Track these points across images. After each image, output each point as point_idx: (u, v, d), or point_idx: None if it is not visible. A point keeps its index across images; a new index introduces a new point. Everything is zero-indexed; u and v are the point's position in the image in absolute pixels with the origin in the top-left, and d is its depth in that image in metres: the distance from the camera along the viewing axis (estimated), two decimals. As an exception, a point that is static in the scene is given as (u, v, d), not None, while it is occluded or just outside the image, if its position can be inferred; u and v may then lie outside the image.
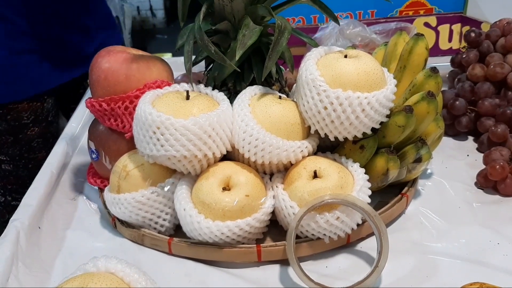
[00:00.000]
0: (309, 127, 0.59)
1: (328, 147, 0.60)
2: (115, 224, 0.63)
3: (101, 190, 0.69)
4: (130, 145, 0.63)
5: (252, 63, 0.63)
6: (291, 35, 0.58)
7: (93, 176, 0.70)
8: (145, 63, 0.64)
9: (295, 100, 0.61)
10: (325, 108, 0.55)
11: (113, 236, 0.63)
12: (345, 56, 0.57)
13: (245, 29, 0.57)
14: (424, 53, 0.62)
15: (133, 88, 0.62)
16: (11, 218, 0.62)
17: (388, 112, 0.57)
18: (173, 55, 1.51)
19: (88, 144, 0.69)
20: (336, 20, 0.64)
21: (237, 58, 0.56)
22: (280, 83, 0.65)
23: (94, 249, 0.61)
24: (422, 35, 0.62)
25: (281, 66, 0.67)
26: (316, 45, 0.63)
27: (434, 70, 0.60)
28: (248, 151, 0.57)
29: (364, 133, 0.57)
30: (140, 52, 0.67)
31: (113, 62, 0.63)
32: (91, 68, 0.64)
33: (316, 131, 0.59)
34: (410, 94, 0.60)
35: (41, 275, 0.57)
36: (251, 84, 0.62)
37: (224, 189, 0.56)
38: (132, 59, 0.63)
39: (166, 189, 0.59)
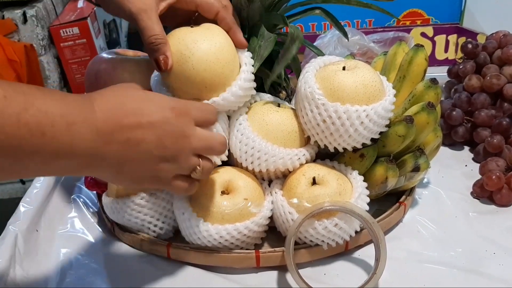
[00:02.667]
0: (309, 136, 0.59)
1: (328, 154, 0.60)
2: (113, 229, 0.63)
3: (99, 195, 0.68)
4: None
5: (261, 69, 0.63)
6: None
7: (90, 182, 0.70)
8: (117, 64, 0.64)
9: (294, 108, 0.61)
10: (324, 121, 0.56)
11: (112, 241, 0.63)
12: (344, 68, 0.58)
13: (260, 39, 0.58)
14: (423, 64, 0.63)
15: (101, 87, 0.63)
16: (9, 221, 0.62)
17: (387, 123, 0.57)
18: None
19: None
20: (345, 35, 0.65)
21: (255, 71, 0.57)
22: (286, 91, 0.65)
23: (92, 254, 0.61)
24: (422, 46, 0.63)
25: (289, 75, 0.68)
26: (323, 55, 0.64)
27: (434, 81, 0.61)
28: (245, 160, 0.58)
29: (363, 143, 0.58)
30: (131, 54, 0.67)
31: (90, 64, 0.65)
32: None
33: (316, 141, 0.59)
34: (410, 104, 0.61)
35: (38, 279, 0.57)
36: (258, 90, 0.63)
37: (223, 192, 0.57)
38: (108, 61, 0.64)
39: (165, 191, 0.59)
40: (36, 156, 0.36)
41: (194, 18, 0.58)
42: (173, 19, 0.58)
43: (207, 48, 0.54)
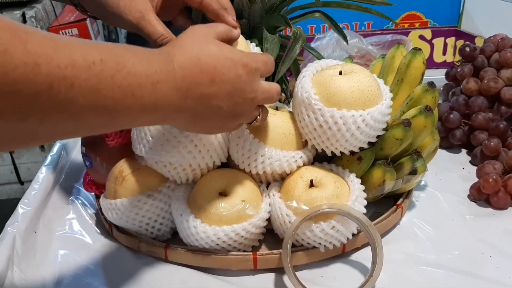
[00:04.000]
0: (306, 140, 0.60)
1: (326, 157, 0.61)
2: (111, 230, 0.63)
3: (97, 196, 0.69)
4: (121, 151, 0.63)
5: None
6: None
7: (89, 183, 0.70)
8: None
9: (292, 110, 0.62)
10: (321, 126, 0.56)
11: (109, 242, 0.63)
12: (340, 73, 0.58)
13: (265, 43, 0.58)
14: (421, 67, 0.63)
15: None
16: (7, 222, 0.62)
17: (384, 126, 0.57)
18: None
19: (82, 151, 0.69)
20: (345, 38, 0.65)
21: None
22: (285, 94, 0.66)
23: (90, 255, 0.61)
24: (420, 49, 0.63)
25: (288, 78, 0.68)
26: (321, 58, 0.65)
27: (431, 85, 0.61)
28: (243, 162, 0.58)
29: (361, 146, 0.58)
30: None
31: None
32: None
33: (313, 145, 0.59)
34: (408, 108, 0.61)
35: (35, 280, 0.57)
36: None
37: (221, 194, 0.57)
38: None
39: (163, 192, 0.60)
40: (126, 114, 0.39)
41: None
42: (169, 13, 0.59)
43: None
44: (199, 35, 0.47)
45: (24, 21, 1.60)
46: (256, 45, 0.60)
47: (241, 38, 0.57)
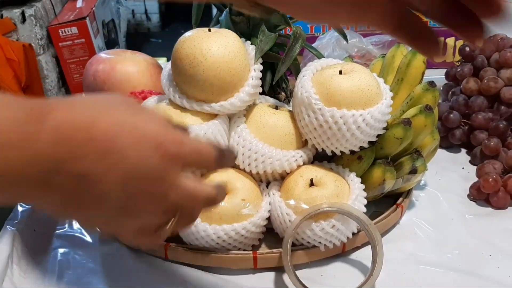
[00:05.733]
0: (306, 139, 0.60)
1: (326, 156, 0.61)
2: (111, 228, 0.63)
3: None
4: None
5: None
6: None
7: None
8: (115, 64, 0.65)
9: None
10: (321, 126, 0.56)
11: (109, 241, 0.62)
12: (340, 72, 0.58)
13: (261, 35, 0.59)
14: (421, 67, 0.63)
15: (100, 87, 0.64)
16: (7, 220, 0.62)
17: (384, 125, 0.57)
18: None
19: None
20: (345, 37, 0.65)
21: (255, 61, 0.58)
22: (285, 93, 0.66)
23: (90, 254, 0.60)
24: (420, 48, 0.63)
25: (288, 77, 0.68)
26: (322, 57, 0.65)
27: (431, 84, 0.61)
28: (243, 161, 0.58)
29: (361, 146, 0.58)
30: (129, 54, 0.68)
31: (89, 64, 0.67)
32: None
33: (313, 145, 0.59)
34: (408, 107, 0.61)
35: (35, 278, 0.57)
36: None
37: (220, 193, 0.57)
38: (107, 61, 0.64)
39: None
40: None
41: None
42: None
43: (220, 56, 0.55)
44: (118, 97, 0.34)
45: (24, 19, 1.60)
46: (251, 44, 0.60)
47: (235, 36, 0.57)
